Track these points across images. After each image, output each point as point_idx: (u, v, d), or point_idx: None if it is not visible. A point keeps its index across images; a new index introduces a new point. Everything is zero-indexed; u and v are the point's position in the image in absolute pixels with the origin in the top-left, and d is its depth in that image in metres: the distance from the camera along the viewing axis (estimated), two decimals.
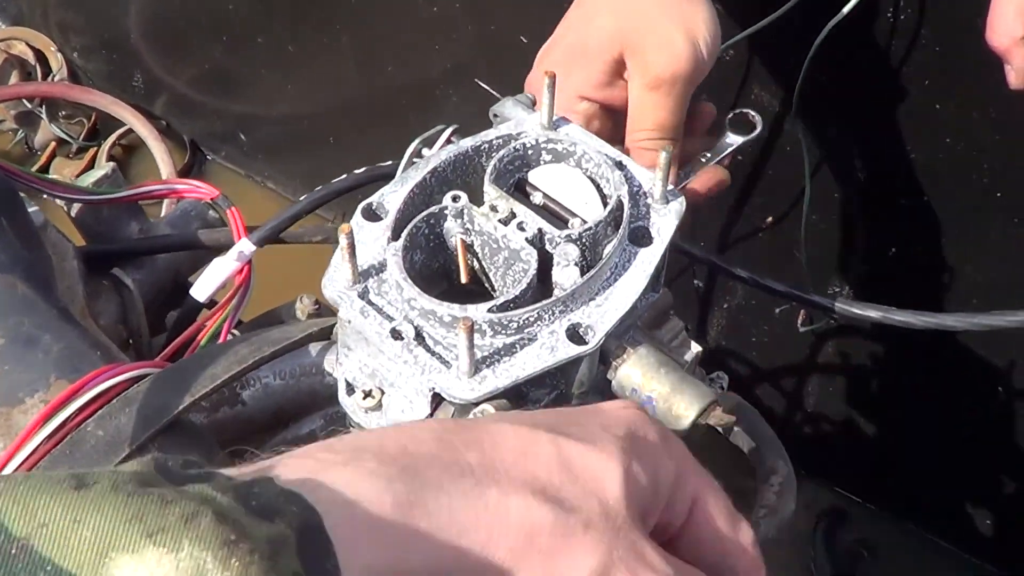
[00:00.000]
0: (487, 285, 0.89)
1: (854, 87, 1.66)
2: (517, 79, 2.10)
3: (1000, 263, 1.75)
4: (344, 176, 1.11)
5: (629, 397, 0.85)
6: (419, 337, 0.81)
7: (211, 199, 1.17)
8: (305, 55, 2.36)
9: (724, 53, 1.55)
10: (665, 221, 0.88)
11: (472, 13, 2.03)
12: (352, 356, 0.85)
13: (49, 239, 1.15)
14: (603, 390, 0.88)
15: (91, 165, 2.71)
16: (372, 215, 0.87)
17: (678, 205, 0.89)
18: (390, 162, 1.10)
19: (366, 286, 0.83)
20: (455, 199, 0.86)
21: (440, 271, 0.89)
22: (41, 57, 2.74)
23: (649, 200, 0.89)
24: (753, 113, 1.08)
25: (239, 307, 1.04)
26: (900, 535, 2.08)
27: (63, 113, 2.75)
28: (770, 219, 1.87)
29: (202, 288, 1.08)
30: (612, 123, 1.08)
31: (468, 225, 0.87)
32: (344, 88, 2.37)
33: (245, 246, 1.08)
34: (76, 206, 1.20)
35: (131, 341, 1.19)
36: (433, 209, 0.86)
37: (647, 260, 0.86)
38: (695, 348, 0.93)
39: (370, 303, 0.83)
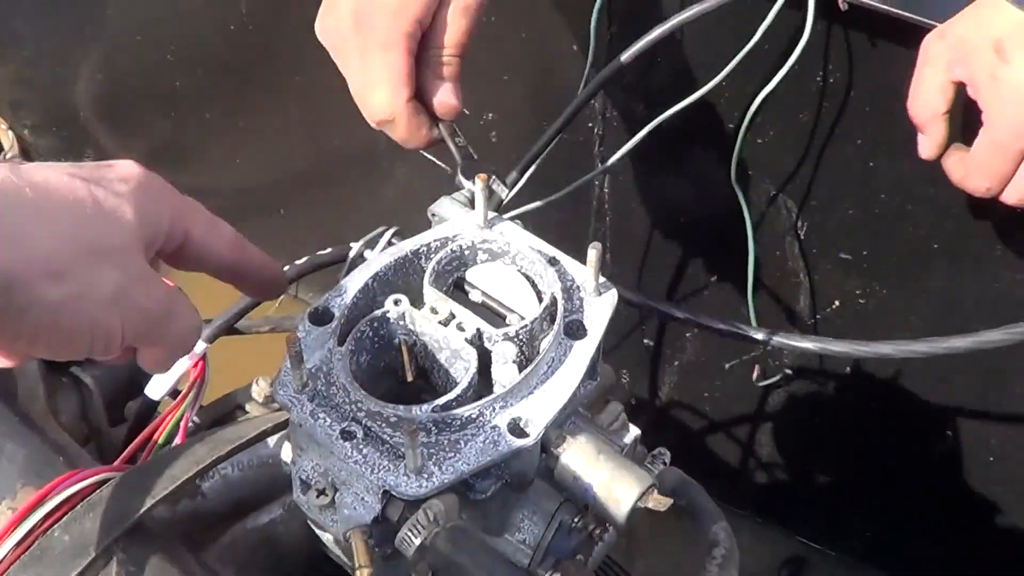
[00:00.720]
0: (432, 380, 0.93)
1: (790, 149, 1.71)
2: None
3: (942, 309, 1.79)
4: (287, 267, 1.14)
5: (571, 485, 0.88)
6: (368, 435, 0.85)
7: None
8: (254, 129, 2.39)
9: (665, 121, 1.59)
10: (598, 312, 0.92)
11: None
12: (305, 456, 0.88)
13: None
14: (545, 476, 0.92)
15: None
16: (319, 319, 0.91)
17: (610, 297, 0.93)
18: (329, 250, 1.13)
19: (315, 388, 0.87)
20: (396, 303, 0.90)
21: (386, 369, 0.93)
22: None
23: (582, 293, 0.93)
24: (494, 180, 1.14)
25: (195, 403, 1.07)
26: None
27: None
28: (714, 277, 1.91)
29: (157, 387, 1.11)
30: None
31: (410, 327, 0.90)
32: (293, 160, 2.40)
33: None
34: None
35: (91, 437, 1.22)
36: (376, 314, 0.90)
37: (583, 352, 0.90)
38: (634, 431, 0.97)
39: (319, 405, 0.86)
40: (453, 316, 0.90)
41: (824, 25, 1.52)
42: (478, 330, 0.89)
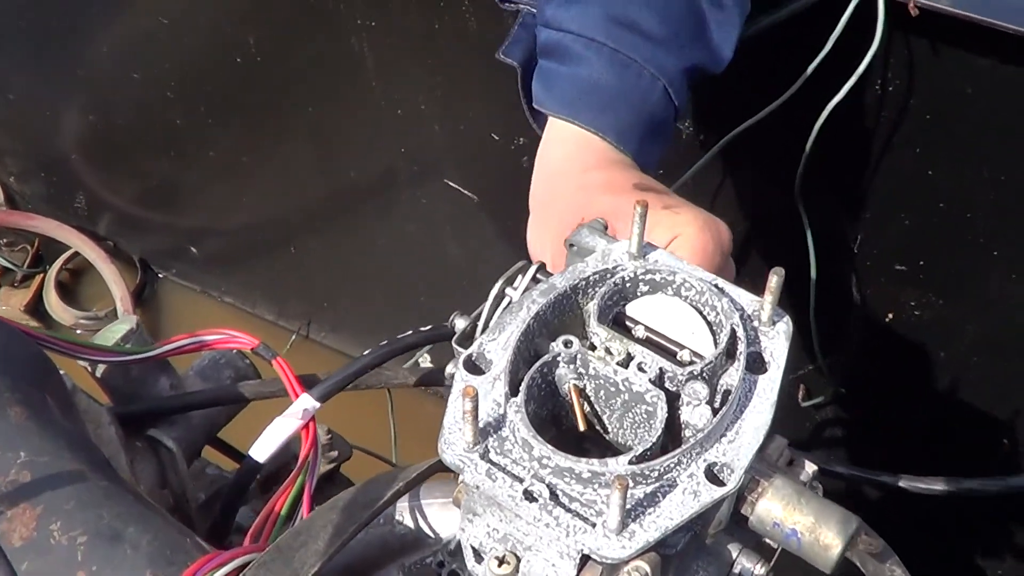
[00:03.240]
0: (598, 429, 0.85)
1: (850, 161, 1.66)
2: (488, 177, 2.08)
3: (1000, 319, 1.75)
4: (410, 332, 1.06)
5: (770, 531, 0.81)
6: (553, 496, 0.77)
7: (251, 348, 1.12)
8: (261, 165, 2.31)
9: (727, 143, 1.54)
10: (775, 344, 0.85)
11: (439, 113, 2.00)
12: (478, 521, 0.80)
13: (80, 405, 1.09)
14: (732, 526, 0.84)
15: (39, 292, 2.62)
16: (475, 368, 0.83)
17: (785, 326, 0.86)
18: (447, 323, 1.05)
19: (486, 446, 0.79)
20: (567, 344, 0.83)
21: (548, 418, 0.85)
22: None
23: (755, 323, 0.86)
24: None
25: (314, 470, 0.99)
26: None
27: (4, 240, 2.67)
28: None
29: (263, 448, 1.03)
30: None
31: (581, 370, 0.83)
32: (304, 195, 2.33)
33: (308, 403, 1.03)
34: (102, 366, 1.14)
35: (177, 506, 1.13)
36: (546, 358, 0.82)
37: (768, 387, 0.83)
38: (809, 467, 0.90)
39: (493, 464, 0.78)
40: (631, 356, 0.82)
41: (886, 32, 1.47)
42: (660, 370, 0.81)
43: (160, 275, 2.66)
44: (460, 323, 0.98)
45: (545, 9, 1.17)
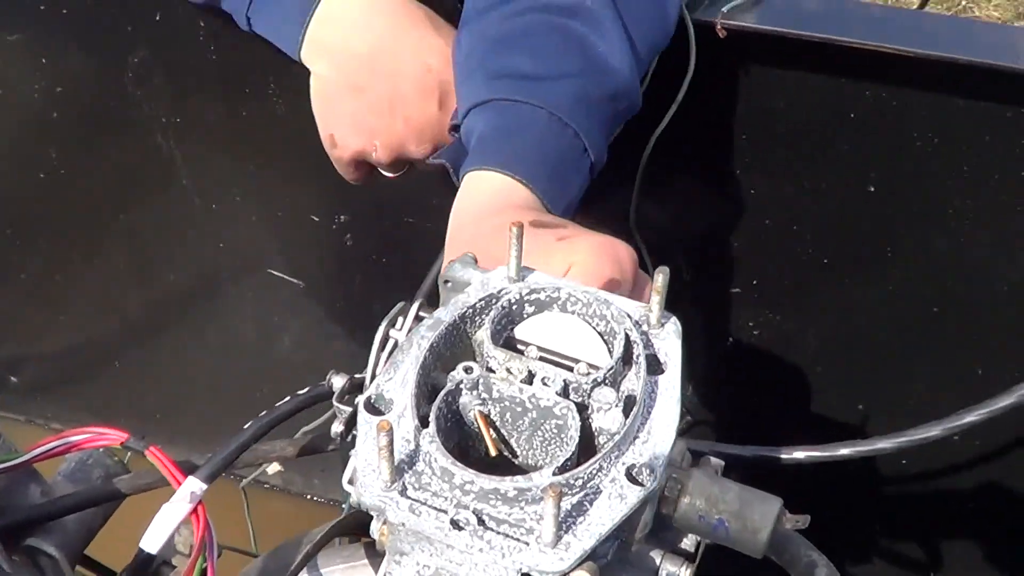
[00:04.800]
0: (507, 454, 0.84)
1: (679, 191, 1.70)
2: (312, 260, 2.06)
3: (837, 324, 1.80)
4: (287, 398, 1.03)
5: (696, 526, 0.81)
6: (480, 522, 0.76)
7: (121, 443, 1.07)
8: (75, 282, 2.24)
9: None
10: (668, 344, 0.86)
11: (255, 202, 1.97)
12: (407, 561, 0.78)
13: None
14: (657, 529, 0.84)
15: None
16: (376, 410, 0.82)
17: (674, 326, 0.87)
18: (323, 383, 1.03)
19: (403, 483, 0.77)
20: (467, 371, 0.82)
21: (455, 451, 0.83)
22: None
23: (645, 327, 0.87)
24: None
25: (213, 549, 0.95)
26: None
27: None
28: None
29: (154, 538, 0.98)
30: None
31: (485, 395, 0.82)
32: (123, 307, 2.26)
33: (194, 485, 0.99)
34: None
35: None
36: (450, 386, 0.81)
37: (670, 386, 0.83)
38: (715, 461, 0.90)
39: (413, 500, 0.77)
40: (532, 373, 0.82)
41: (699, 57, 1.51)
42: (565, 382, 0.81)
43: None
44: (338, 381, 0.96)
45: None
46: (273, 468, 2.22)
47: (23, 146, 2.06)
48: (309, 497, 2.41)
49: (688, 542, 0.89)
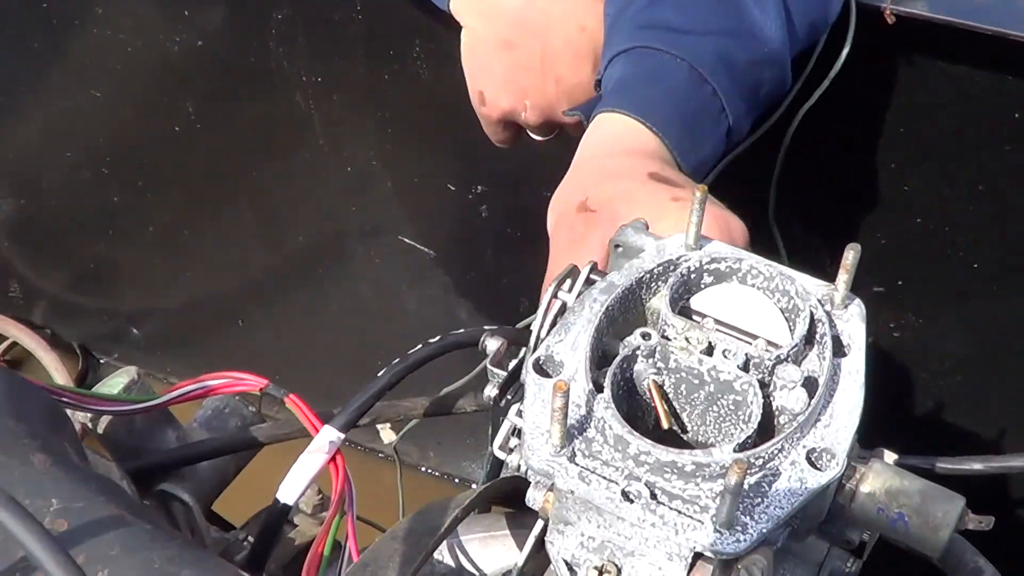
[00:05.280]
0: (676, 428, 0.81)
1: (824, 182, 1.64)
2: (444, 230, 2.03)
3: (982, 335, 1.74)
4: (420, 346, 1.01)
5: (874, 519, 0.77)
6: (652, 495, 0.72)
7: (260, 390, 1.06)
8: (203, 237, 2.24)
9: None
10: (852, 327, 0.82)
11: (391, 166, 1.95)
12: (570, 531, 0.75)
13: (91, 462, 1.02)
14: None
15: None
16: (544, 372, 0.78)
17: (858, 308, 0.83)
18: (462, 330, 1.00)
19: (572, 449, 0.74)
20: (645, 337, 0.78)
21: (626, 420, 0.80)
22: None
23: (827, 307, 0.82)
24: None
25: (352, 500, 0.93)
26: None
27: None
28: None
29: (291, 488, 0.96)
30: None
31: (660, 364, 0.78)
32: (250, 265, 2.25)
33: (331, 435, 0.97)
34: (104, 420, 1.07)
35: None
36: (625, 353, 0.77)
37: (854, 369, 0.79)
38: (888, 455, 0.86)
39: (582, 467, 0.73)
40: (712, 345, 0.78)
41: (857, 41, 1.45)
42: (746, 356, 0.77)
43: (102, 360, 2.57)
44: (492, 343, 0.93)
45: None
46: (388, 438, 2.20)
47: (159, 99, 2.06)
48: (423, 469, 2.39)
49: (853, 538, 0.84)
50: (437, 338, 1.02)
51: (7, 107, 2.20)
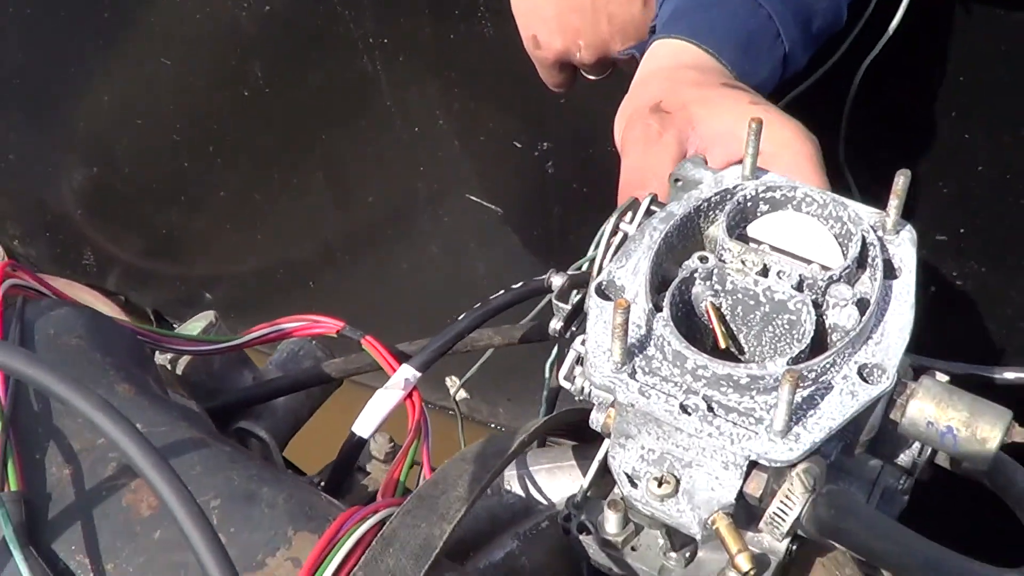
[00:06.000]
0: (733, 350, 0.83)
1: (889, 130, 1.65)
2: (512, 188, 2.06)
3: None
4: (502, 292, 1.04)
5: (924, 432, 0.79)
6: (710, 408, 0.75)
7: (336, 332, 1.10)
8: (274, 201, 2.28)
9: None
10: (904, 251, 0.84)
11: (458, 126, 1.98)
12: (631, 444, 0.78)
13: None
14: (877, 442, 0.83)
15: None
16: (606, 296, 0.82)
17: (909, 233, 0.85)
18: (543, 277, 1.03)
19: (633, 366, 0.77)
20: (703, 260, 0.81)
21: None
22: None
23: (879, 232, 0.85)
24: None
25: (428, 434, 0.97)
26: None
27: None
28: None
29: (367, 423, 1.00)
30: None
31: (717, 287, 0.81)
32: (320, 227, 2.30)
33: (408, 372, 1.01)
34: (184, 361, 1.11)
35: None
36: (683, 275, 0.80)
37: (905, 291, 0.81)
38: (940, 376, 0.88)
39: (642, 383, 0.76)
40: (767, 267, 0.80)
41: None
42: (800, 277, 0.80)
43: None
44: (557, 279, 0.96)
45: None
46: (460, 395, 2.23)
47: (228, 63, 2.11)
48: (493, 426, 2.43)
49: (905, 459, 0.87)
50: (518, 284, 1.05)
51: (78, 78, 2.26)
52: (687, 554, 0.85)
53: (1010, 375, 1.02)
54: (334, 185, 2.19)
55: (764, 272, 0.80)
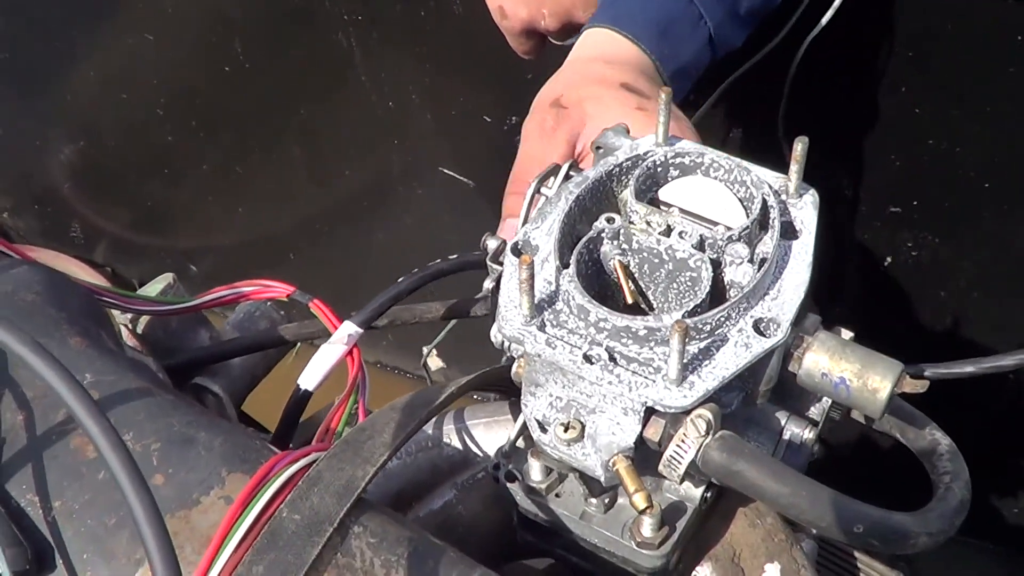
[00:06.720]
0: (643, 306, 0.89)
1: (835, 106, 1.69)
2: (482, 160, 2.12)
3: (996, 252, 1.79)
4: (439, 260, 1.10)
5: (819, 383, 0.84)
6: (611, 358, 0.80)
7: (287, 296, 1.15)
8: (255, 174, 2.34)
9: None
10: (805, 213, 0.89)
11: (430, 101, 2.03)
12: (540, 393, 0.83)
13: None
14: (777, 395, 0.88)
15: None
16: (519, 253, 0.87)
17: (812, 197, 0.90)
18: (479, 252, 1.08)
19: (542, 319, 0.83)
20: (610, 221, 0.86)
21: (595, 299, 0.88)
22: None
23: (783, 196, 0.90)
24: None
25: (365, 387, 1.02)
26: None
27: None
28: None
29: (311, 376, 1.05)
30: None
31: (624, 246, 0.86)
32: (299, 200, 2.35)
33: (350, 328, 1.06)
34: (143, 321, 1.17)
35: None
36: (591, 234, 0.86)
37: (803, 251, 0.86)
38: (846, 333, 0.93)
39: (550, 335, 0.82)
40: (671, 228, 0.86)
41: None
42: (701, 236, 0.85)
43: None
44: (492, 242, 1.01)
45: None
46: (436, 364, 2.29)
47: (209, 41, 2.16)
48: (474, 396, 2.47)
49: (814, 411, 0.92)
50: (455, 255, 1.11)
51: (64, 52, 2.31)
52: (606, 500, 0.90)
53: (943, 370, 1.06)
54: (312, 159, 2.25)
55: (668, 232, 0.85)
